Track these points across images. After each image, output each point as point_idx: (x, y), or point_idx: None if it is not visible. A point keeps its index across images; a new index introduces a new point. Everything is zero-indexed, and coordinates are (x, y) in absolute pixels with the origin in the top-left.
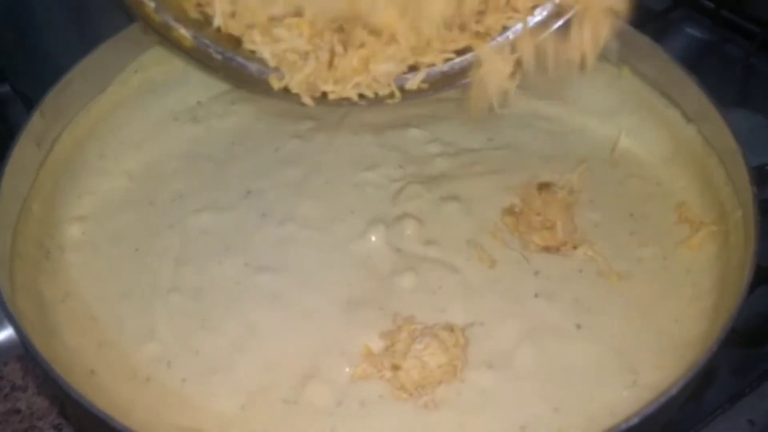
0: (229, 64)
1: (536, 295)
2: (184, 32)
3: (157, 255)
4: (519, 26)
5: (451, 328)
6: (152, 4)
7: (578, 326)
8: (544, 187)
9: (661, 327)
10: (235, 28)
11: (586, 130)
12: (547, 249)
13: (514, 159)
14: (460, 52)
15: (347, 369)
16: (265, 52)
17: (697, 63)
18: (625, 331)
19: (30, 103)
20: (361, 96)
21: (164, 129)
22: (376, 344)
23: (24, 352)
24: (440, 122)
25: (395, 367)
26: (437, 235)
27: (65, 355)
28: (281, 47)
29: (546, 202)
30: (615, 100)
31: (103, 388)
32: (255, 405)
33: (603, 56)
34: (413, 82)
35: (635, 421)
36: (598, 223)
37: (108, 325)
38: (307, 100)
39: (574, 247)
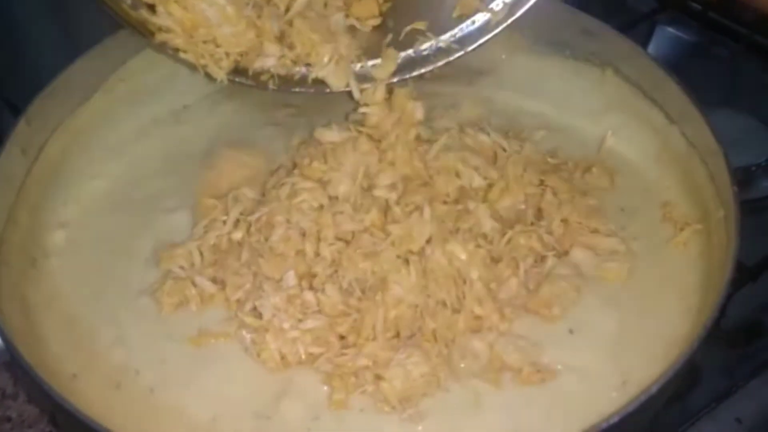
0: None
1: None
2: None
3: (130, 257)
4: None
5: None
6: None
7: (570, 331)
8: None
9: (650, 327)
10: None
11: (572, 128)
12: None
13: None
14: None
15: (325, 387)
16: None
17: (684, 64)
18: (616, 332)
19: (16, 111)
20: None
21: (148, 131)
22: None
23: (10, 359)
24: None
25: (378, 378)
26: None
27: (50, 361)
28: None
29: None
30: (600, 101)
31: (85, 393)
32: (226, 418)
33: (587, 58)
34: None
35: (615, 419)
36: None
37: (84, 329)
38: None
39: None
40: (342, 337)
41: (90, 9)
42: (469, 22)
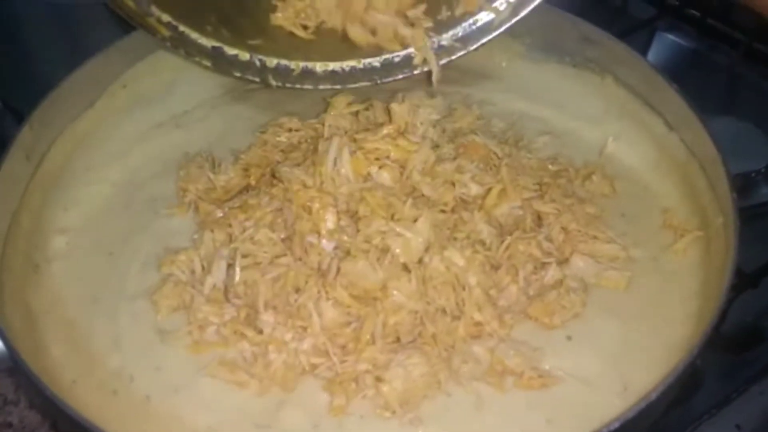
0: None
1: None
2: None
3: (127, 259)
4: None
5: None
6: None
7: (569, 338)
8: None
9: (651, 332)
10: None
11: (572, 133)
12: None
13: None
14: None
15: (325, 394)
16: None
17: (683, 71)
18: (616, 338)
19: (20, 117)
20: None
21: (148, 136)
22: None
23: (12, 365)
24: None
25: (378, 380)
26: None
27: (51, 366)
28: None
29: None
30: (600, 107)
31: (84, 399)
32: (224, 426)
33: (587, 65)
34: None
35: (616, 425)
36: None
37: (82, 333)
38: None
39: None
40: (342, 346)
41: (93, 17)
42: (471, 21)
